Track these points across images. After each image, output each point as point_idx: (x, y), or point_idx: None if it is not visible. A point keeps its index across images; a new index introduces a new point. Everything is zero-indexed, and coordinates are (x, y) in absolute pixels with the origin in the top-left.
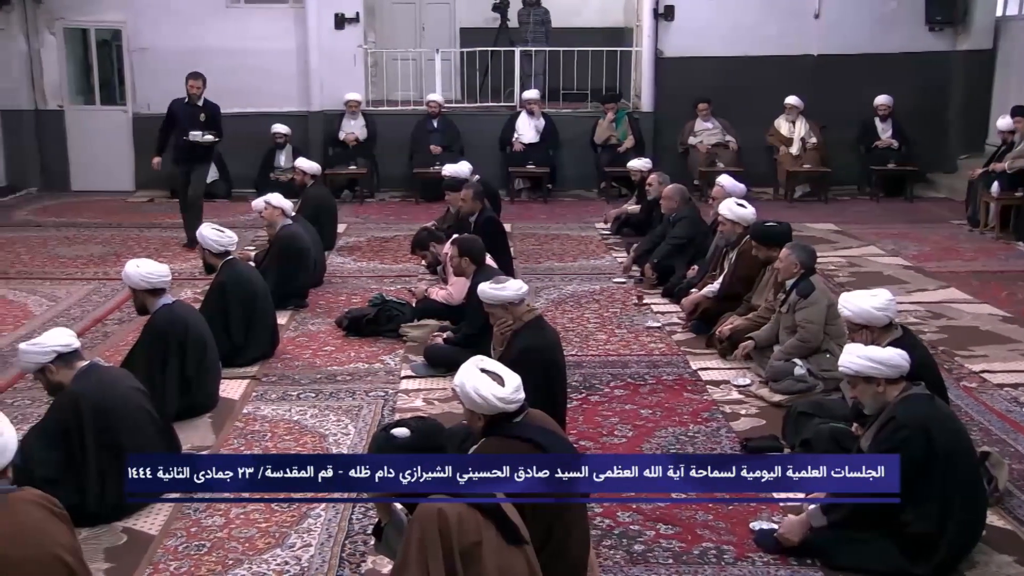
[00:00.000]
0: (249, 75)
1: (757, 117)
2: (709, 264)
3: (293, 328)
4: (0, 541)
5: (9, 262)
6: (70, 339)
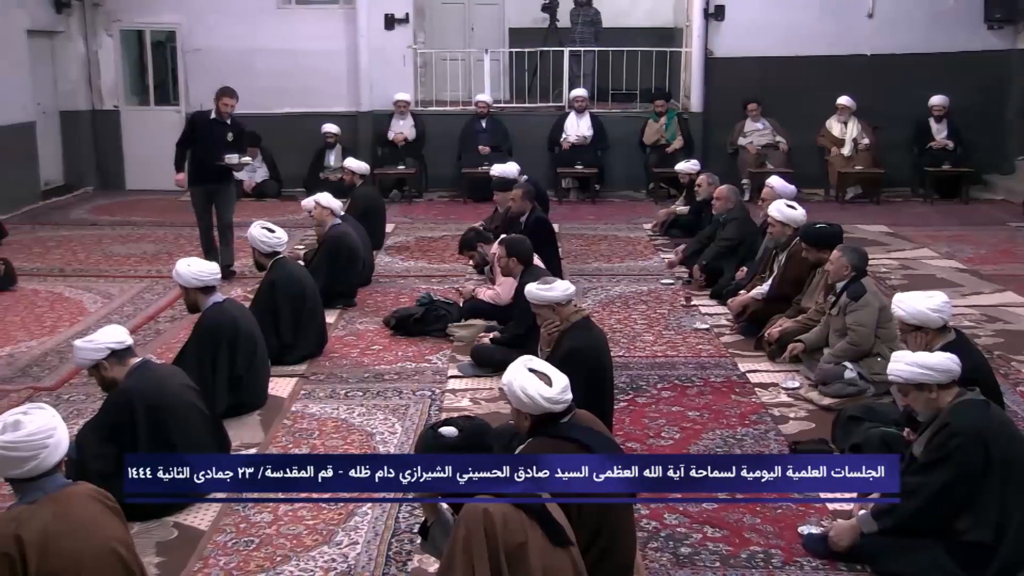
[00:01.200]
0: (299, 75)
1: (808, 118)
2: (758, 266)
3: (341, 327)
4: (56, 534)
5: (66, 260)
6: (123, 336)
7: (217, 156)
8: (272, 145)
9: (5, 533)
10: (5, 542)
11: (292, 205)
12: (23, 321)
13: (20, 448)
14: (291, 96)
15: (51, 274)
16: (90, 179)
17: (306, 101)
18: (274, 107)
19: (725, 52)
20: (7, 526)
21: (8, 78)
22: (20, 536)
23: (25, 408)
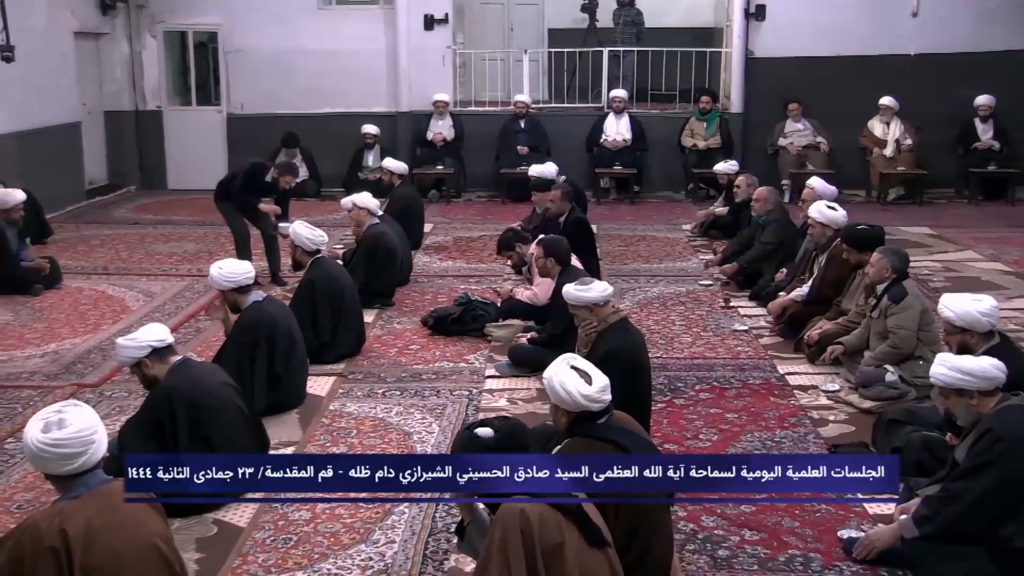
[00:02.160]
0: (339, 76)
1: (850, 118)
2: (798, 267)
3: (379, 326)
4: (100, 529)
5: (109, 258)
6: (164, 334)
7: (244, 208)
8: (311, 145)
9: (51, 528)
10: (51, 536)
11: (331, 205)
12: (67, 319)
13: (70, 445)
14: (330, 96)
15: (95, 272)
16: (133, 178)
17: (345, 101)
18: (313, 107)
19: (766, 52)
20: (52, 521)
21: (56, 79)
22: (65, 531)
23: (60, 406)
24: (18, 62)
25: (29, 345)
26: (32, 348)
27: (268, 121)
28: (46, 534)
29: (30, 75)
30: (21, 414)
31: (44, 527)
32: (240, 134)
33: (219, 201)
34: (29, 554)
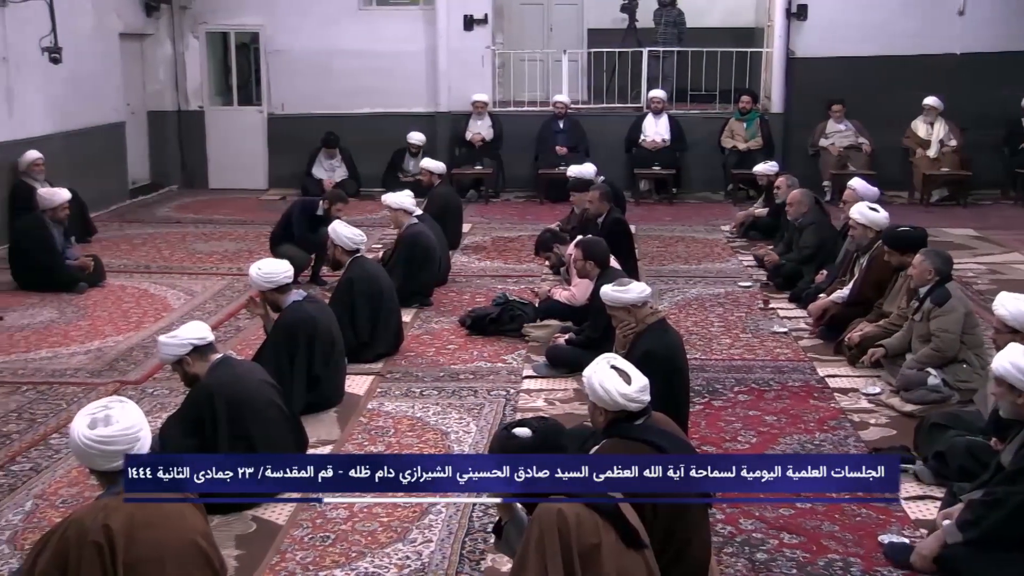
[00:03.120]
0: (379, 76)
1: (892, 118)
2: (839, 269)
3: (417, 326)
4: (142, 525)
5: (151, 257)
6: (205, 332)
7: (309, 247)
8: (351, 145)
9: (95, 523)
10: (95, 532)
11: (370, 204)
12: (111, 316)
13: (115, 442)
14: (370, 96)
15: (137, 270)
16: (175, 178)
17: (385, 101)
18: (353, 107)
19: (807, 52)
20: (96, 516)
21: (101, 80)
22: (109, 526)
23: (106, 402)
24: (65, 63)
25: (74, 342)
26: (76, 345)
27: (308, 121)
28: (90, 529)
29: (76, 76)
30: (66, 410)
31: (88, 522)
32: (281, 134)
33: (275, 248)
34: (74, 549)
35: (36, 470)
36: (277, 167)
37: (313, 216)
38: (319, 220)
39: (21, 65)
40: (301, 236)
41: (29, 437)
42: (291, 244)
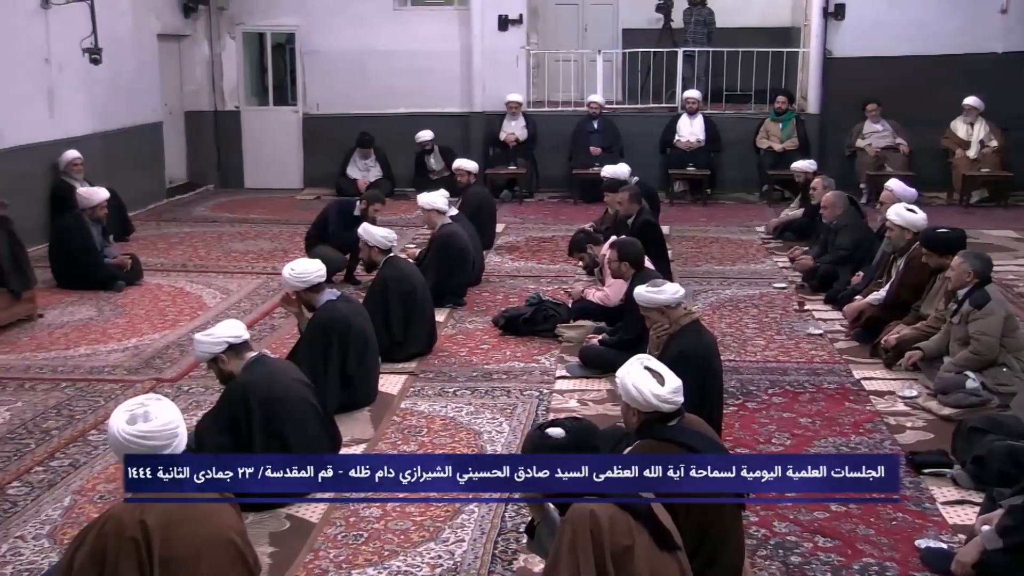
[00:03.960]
0: (414, 76)
1: (931, 119)
2: (875, 271)
3: (451, 326)
4: (178, 521)
5: (187, 256)
6: (240, 331)
7: (344, 247)
8: (385, 145)
9: (132, 519)
10: (132, 527)
11: (404, 204)
12: (147, 314)
13: (155, 438)
14: (405, 96)
15: (174, 269)
16: (211, 177)
17: (419, 101)
18: (388, 107)
19: (844, 52)
20: (133, 511)
21: (139, 81)
22: (145, 522)
23: (143, 399)
24: (105, 64)
25: (111, 340)
26: (114, 343)
27: (343, 121)
28: (127, 525)
29: (115, 77)
30: (103, 407)
31: (125, 518)
32: (315, 134)
33: (311, 249)
34: (111, 544)
35: (75, 466)
36: (312, 167)
37: (350, 216)
38: (356, 220)
39: (63, 66)
40: (336, 236)
41: (68, 433)
42: (326, 244)
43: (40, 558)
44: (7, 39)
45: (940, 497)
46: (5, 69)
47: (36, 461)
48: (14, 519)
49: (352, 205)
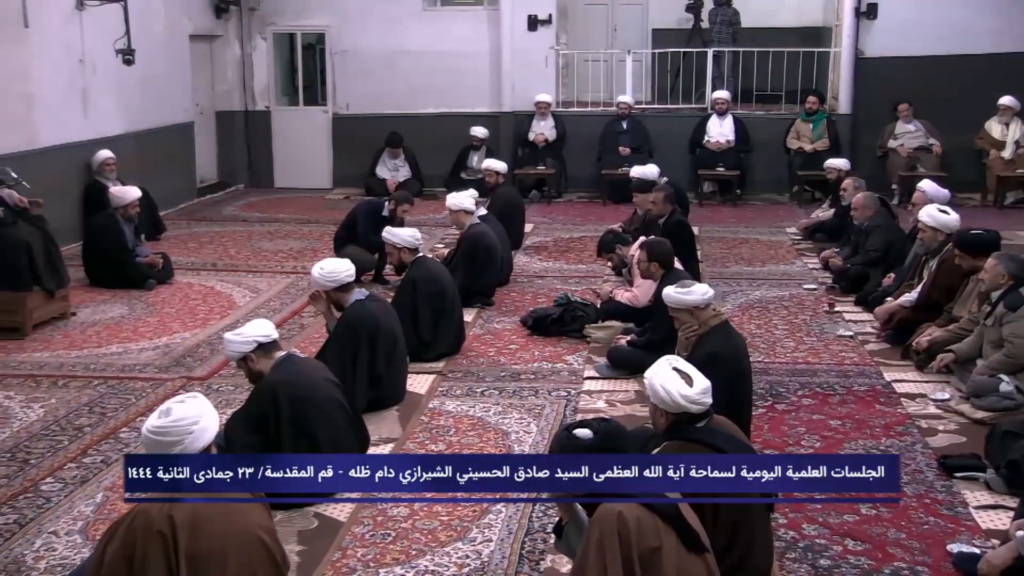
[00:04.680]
0: (443, 76)
1: (964, 119)
2: (907, 272)
3: (479, 326)
4: (206, 517)
5: (218, 255)
6: (270, 330)
7: (372, 247)
8: (414, 145)
9: (160, 513)
10: (160, 522)
11: (433, 204)
12: (178, 313)
13: (168, 433)
14: (434, 96)
15: (204, 268)
16: (241, 177)
17: (449, 101)
18: (417, 107)
19: (876, 52)
20: (162, 507)
21: (172, 81)
22: (173, 517)
23: (182, 396)
24: (137, 65)
25: (143, 338)
26: (145, 341)
27: (372, 121)
28: (155, 519)
29: (148, 77)
30: (135, 405)
31: (154, 513)
32: (345, 134)
33: (339, 249)
34: (140, 538)
35: (107, 463)
36: (341, 167)
37: (379, 217)
38: (384, 221)
39: (97, 67)
40: (364, 237)
41: (100, 430)
42: (355, 245)
43: (73, 553)
44: (44, 41)
45: (973, 501)
46: (41, 70)
47: (69, 458)
48: (47, 515)
49: (381, 206)
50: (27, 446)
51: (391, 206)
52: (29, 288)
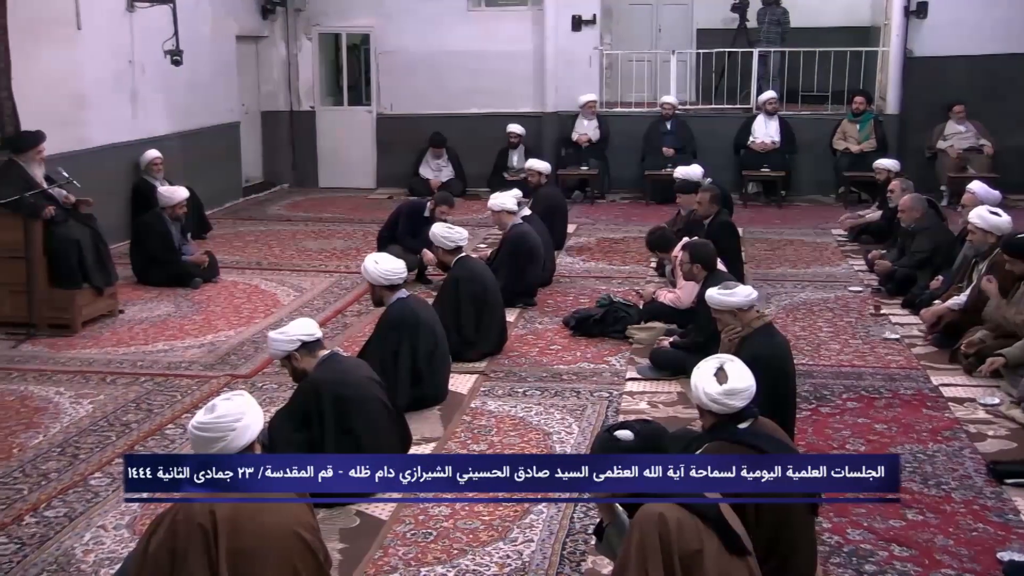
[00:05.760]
0: (487, 77)
1: (1017, 120)
2: (955, 275)
3: (521, 326)
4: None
5: (262, 254)
6: (313, 329)
7: (411, 247)
8: (457, 145)
9: (202, 508)
10: (202, 515)
11: (476, 204)
12: (223, 311)
13: (211, 429)
14: (478, 97)
15: (249, 267)
16: (286, 176)
17: (492, 102)
18: (461, 107)
19: (926, 51)
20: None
21: (218, 81)
22: (214, 512)
23: (228, 394)
24: (184, 65)
25: (188, 336)
26: (191, 339)
27: (416, 121)
28: (198, 514)
29: (195, 77)
30: (180, 402)
31: (196, 508)
32: (389, 134)
33: (382, 249)
34: (182, 532)
35: None
36: (385, 166)
37: (420, 218)
38: (426, 222)
39: (145, 67)
40: (403, 237)
41: (147, 427)
42: (397, 245)
43: (120, 547)
44: (95, 42)
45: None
46: (92, 71)
47: (117, 453)
48: (96, 509)
49: (422, 206)
50: (76, 441)
51: (431, 206)
52: (79, 286)
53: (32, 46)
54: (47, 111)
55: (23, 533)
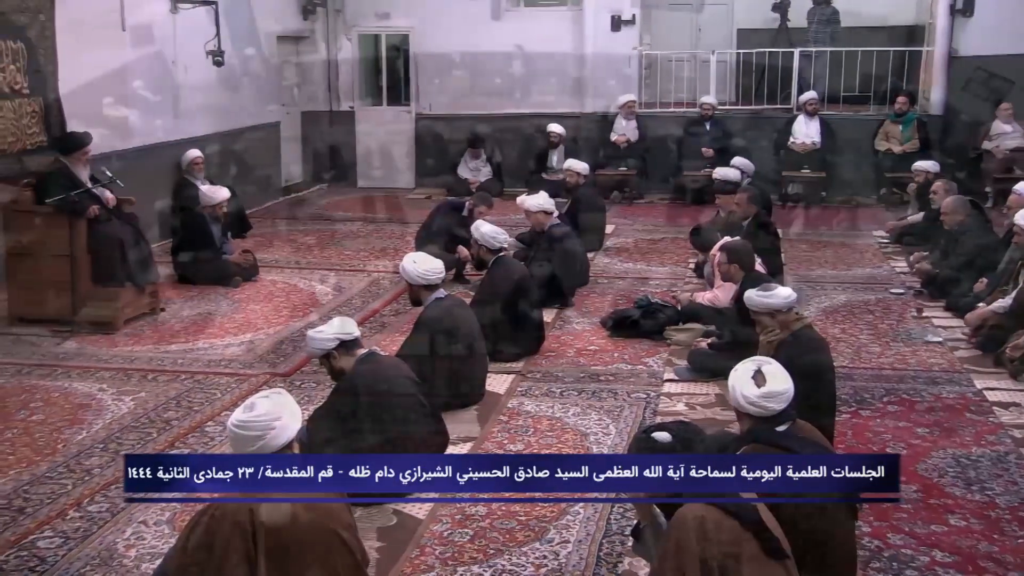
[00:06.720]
0: (525, 77)
1: None
2: (1000, 278)
3: (558, 326)
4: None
5: (301, 253)
6: (352, 328)
7: (448, 245)
8: (495, 145)
9: (242, 506)
10: (241, 512)
11: (513, 204)
12: (262, 310)
13: (250, 428)
14: (516, 97)
15: (288, 266)
16: (325, 176)
17: (530, 102)
18: (499, 108)
19: (971, 51)
20: None
21: (259, 82)
22: (254, 510)
23: (267, 392)
24: (226, 65)
25: (228, 334)
26: (231, 337)
27: (454, 121)
28: (237, 511)
29: (236, 77)
30: (219, 400)
31: (233, 506)
32: (428, 134)
33: (420, 248)
34: (221, 528)
35: None
36: (424, 166)
37: (459, 217)
38: (464, 221)
39: (188, 67)
40: (440, 235)
41: (187, 424)
42: (435, 244)
43: (160, 543)
44: (139, 43)
45: None
46: (137, 72)
47: (158, 449)
48: (138, 505)
49: (461, 206)
50: (118, 437)
51: (471, 205)
52: (122, 284)
53: (78, 47)
54: (91, 112)
55: (67, 528)
